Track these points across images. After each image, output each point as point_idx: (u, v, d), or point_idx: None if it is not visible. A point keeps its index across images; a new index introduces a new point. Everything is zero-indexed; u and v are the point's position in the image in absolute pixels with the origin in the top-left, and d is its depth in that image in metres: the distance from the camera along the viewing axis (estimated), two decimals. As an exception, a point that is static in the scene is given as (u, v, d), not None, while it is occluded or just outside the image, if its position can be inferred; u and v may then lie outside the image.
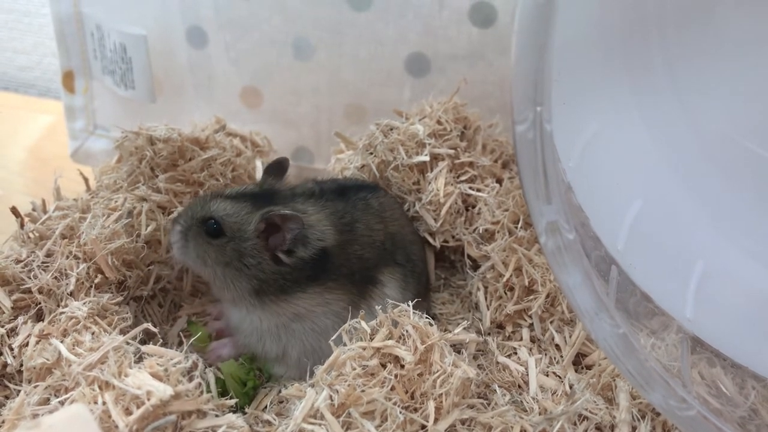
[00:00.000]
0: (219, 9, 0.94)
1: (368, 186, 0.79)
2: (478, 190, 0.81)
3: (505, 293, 0.74)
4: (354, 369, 0.61)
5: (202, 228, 0.69)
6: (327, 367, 0.62)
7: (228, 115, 0.97)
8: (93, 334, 0.64)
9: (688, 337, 0.64)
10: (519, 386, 0.68)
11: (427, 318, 0.64)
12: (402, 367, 0.61)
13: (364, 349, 0.62)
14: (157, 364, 0.58)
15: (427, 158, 0.80)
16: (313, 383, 0.62)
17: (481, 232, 0.78)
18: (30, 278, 0.70)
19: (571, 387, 0.66)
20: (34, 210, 0.79)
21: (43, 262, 0.71)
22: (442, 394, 0.60)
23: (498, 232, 0.77)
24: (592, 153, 0.68)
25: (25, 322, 0.67)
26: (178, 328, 0.77)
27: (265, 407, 0.67)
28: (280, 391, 0.68)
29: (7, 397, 0.65)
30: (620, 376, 0.64)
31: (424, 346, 0.61)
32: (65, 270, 0.70)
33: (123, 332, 0.65)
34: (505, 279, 0.73)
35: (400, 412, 0.58)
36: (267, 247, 0.68)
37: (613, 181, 0.69)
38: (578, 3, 0.64)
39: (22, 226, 0.75)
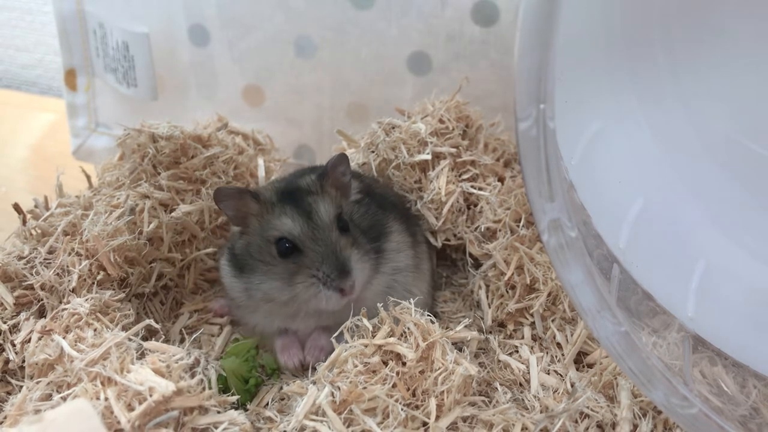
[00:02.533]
0: (221, 7, 0.94)
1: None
2: (480, 189, 0.81)
3: (507, 292, 0.74)
4: (356, 366, 0.61)
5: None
6: (329, 364, 0.62)
7: (230, 113, 0.97)
8: (95, 330, 0.64)
9: (689, 336, 0.64)
10: (520, 384, 0.68)
11: (428, 315, 0.64)
12: (404, 364, 0.61)
13: (366, 346, 0.62)
14: (160, 360, 0.58)
15: (428, 157, 0.80)
16: (314, 380, 0.62)
17: (482, 230, 0.79)
18: (32, 275, 0.70)
19: (572, 385, 0.66)
20: (36, 207, 0.79)
21: (45, 259, 0.71)
22: (443, 391, 0.60)
23: (500, 230, 0.77)
24: (595, 151, 0.68)
25: (27, 319, 0.67)
26: (180, 324, 0.77)
27: (267, 404, 0.67)
28: (281, 388, 0.68)
29: (9, 393, 0.65)
30: (622, 374, 0.64)
31: (425, 343, 0.61)
32: (67, 267, 0.70)
33: (125, 329, 0.65)
34: (506, 277, 0.73)
35: (402, 409, 0.58)
36: None
37: (615, 179, 0.69)
38: (582, 2, 0.64)
39: (24, 222, 0.76)
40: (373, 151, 0.84)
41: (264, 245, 0.68)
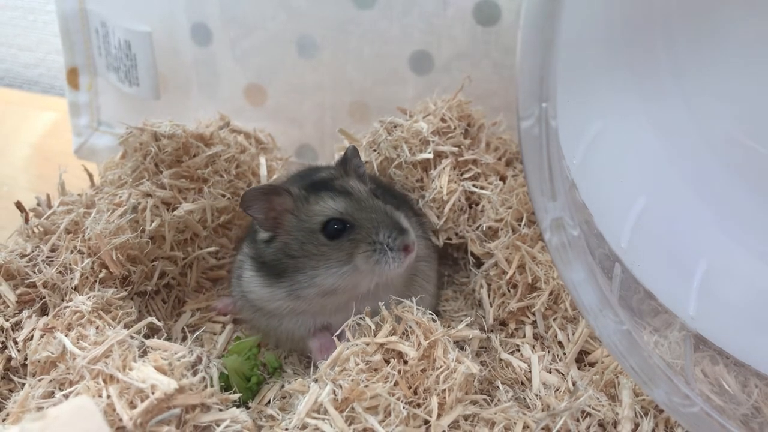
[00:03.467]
0: (224, 6, 0.94)
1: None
2: (482, 188, 0.81)
3: (509, 290, 0.74)
4: (357, 364, 0.61)
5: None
6: (331, 362, 0.62)
7: (232, 112, 0.97)
8: (97, 328, 0.64)
9: (691, 335, 0.64)
10: (522, 383, 0.68)
11: (430, 314, 0.64)
12: (405, 363, 0.61)
13: (367, 344, 0.62)
14: (162, 358, 0.58)
15: (430, 156, 0.80)
16: (316, 378, 0.62)
17: (484, 229, 0.79)
18: (34, 272, 0.70)
19: (574, 384, 0.66)
20: (38, 205, 0.79)
21: (47, 257, 0.72)
22: (445, 389, 0.60)
23: (501, 229, 0.77)
24: (596, 151, 0.68)
25: (29, 316, 0.67)
26: (182, 323, 0.77)
27: (269, 402, 0.67)
28: (283, 386, 0.68)
29: (11, 391, 0.65)
30: (623, 373, 0.64)
31: (427, 341, 0.62)
32: (70, 265, 0.70)
33: (127, 327, 0.65)
34: (508, 276, 0.73)
35: (404, 408, 0.58)
36: None
37: (616, 178, 0.69)
38: (584, 1, 0.64)
39: (26, 220, 0.76)
40: (375, 150, 0.84)
41: (307, 237, 0.67)
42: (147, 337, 0.65)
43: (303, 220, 0.68)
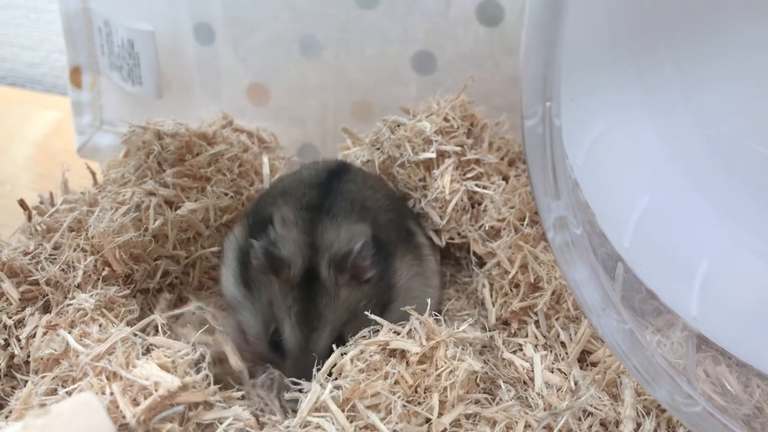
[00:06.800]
0: (226, 6, 0.94)
1: (335, 170, 0.79)
2: (485, 188, 0.81)
3: (511, 290, 0.74)
4: (356, 365, 0.61)
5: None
6: (327, 369, 0.62)
7: (234, 111, 0.97)
8: (100, 326, 0.64)
9: (693, 335, 0.64)
10: (524, 382, 0.68)
11: (435, 315, 0.65)
12: (407, 362, 0.61)
13: (362, 352, 0.62)
14: (165, 355, 0.58)
15: (433, 155, 0.80)
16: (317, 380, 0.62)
17: (486, 229, 0.79)
18: (37, 270, 0.70)
19: (576, 383, 0.66)
20: (41, 203, 0.79)
21: (50, 255, 0.72)
22: (446, 387, 0.60)
23: (504, 229, 0.78)
24: (599, 150, 0.68)
25: (32, 314, 0.67)
26: (185, 320, 0.77)
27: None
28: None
29: (14, 388, 0.65)
30: (625, 372, 0.64)
31: (430, 343, 0.62)
32: (72, 262, 0.70)
33: (130, 324, 0.65)
34: (510, 276, 0.74)
35: (404, 406, 0.58)
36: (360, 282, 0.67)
37: (619, 178, 0.70)
38: (588, 1, 0.64)
39: (29, 218, 0.76)
40: (377, 149, 0.84)
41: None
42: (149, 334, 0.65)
43: None
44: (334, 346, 0.64)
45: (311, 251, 0.67)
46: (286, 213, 0.71)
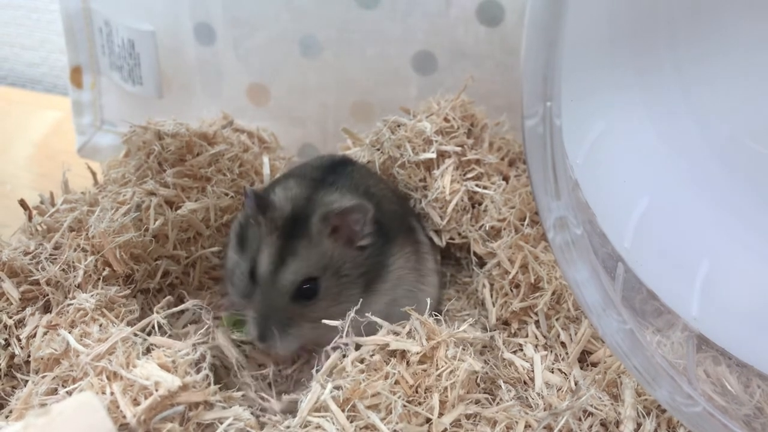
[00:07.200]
0: (227, 6, 0.94)
1: (340, 160, 0.80)
2: (485, 188, 0.81)
3: (511, 290, 0.74)
4: (356, 366, 0.61)
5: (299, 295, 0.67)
6: (326, 370, 0.62)
7: (235, 111, 0.97)
8: (101, 325, 0.64)
9: (693, 336, 0.64)
10: (524, 382, 0.68)
11: (435, 315, 0.65)
12: (407, 362, 0.61)
13: (359, 361, 0.62)
14: (165, 355, 0.58)
15: (433, 155, 0.80)
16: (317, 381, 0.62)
17: (487, 229, 0.79)
18: (38, 270, 0.70)
19: (576, 383, 0.66)
20: (42, 203, 0.79)
21: (51, 255, 0.71)
22: (447, 387, 0.60)
23: (504, 229, 0.78)
24: (600, 150, 0.68)
25: (32, 314, 0.67)
26: (184, 320, 0.77)
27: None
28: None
29: (14, 388, 0.65)
30: (626, 372, 0.64)
31: (430, 343, 0.62)
32: (73, 262, 0.70)
33: (130, 324, 0.65)
34: (511, 276, 0.74)
35: (405, 406, 0.58)
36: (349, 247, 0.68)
37: (620, 178, 0.69)
38: (588, 1, 0.64)
39: (30, 218, 0.76)
40: (378, 149, 0.84)
41: None
42: (150, 334, 0.65)
43: None
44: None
45: (306, 202, 0.69)
46: (288, 184, 0.73)
